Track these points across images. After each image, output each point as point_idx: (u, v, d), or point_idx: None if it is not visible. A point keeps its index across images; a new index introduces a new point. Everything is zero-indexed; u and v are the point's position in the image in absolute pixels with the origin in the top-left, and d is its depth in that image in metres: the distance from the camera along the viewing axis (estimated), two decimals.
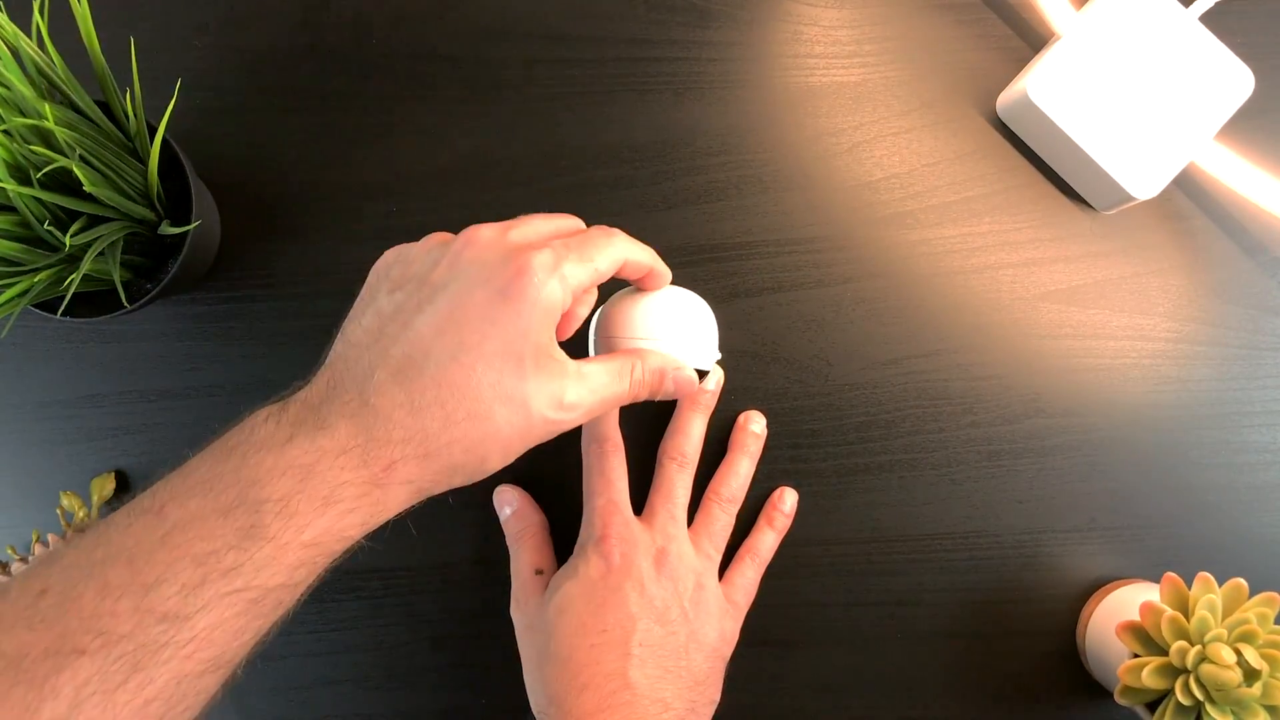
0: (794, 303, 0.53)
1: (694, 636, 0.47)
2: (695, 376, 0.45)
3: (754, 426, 0.52)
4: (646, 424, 0.52)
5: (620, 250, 0.41)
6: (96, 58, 0.42)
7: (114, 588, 0.31)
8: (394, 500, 0.36)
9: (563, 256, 0.38)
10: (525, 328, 0.37)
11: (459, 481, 0.38)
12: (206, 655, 0.32)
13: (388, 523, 0.37)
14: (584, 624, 0.45)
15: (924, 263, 0.54)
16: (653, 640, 0.45)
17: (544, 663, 0.46)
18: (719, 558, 0.51)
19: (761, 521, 0.52)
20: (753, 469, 0.52)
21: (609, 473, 0.49)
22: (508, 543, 0.51)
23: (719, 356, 0.48)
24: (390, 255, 0.41)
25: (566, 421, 0.39)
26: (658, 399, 0.44)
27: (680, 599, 0.47)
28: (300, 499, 0.33)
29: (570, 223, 0.43)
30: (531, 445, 0.38)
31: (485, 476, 0.38)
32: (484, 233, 0.39)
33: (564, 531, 0.51)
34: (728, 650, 0.49)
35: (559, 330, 0.40)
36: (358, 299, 0.41)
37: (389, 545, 0.53)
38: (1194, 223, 0.55)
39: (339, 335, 0.40)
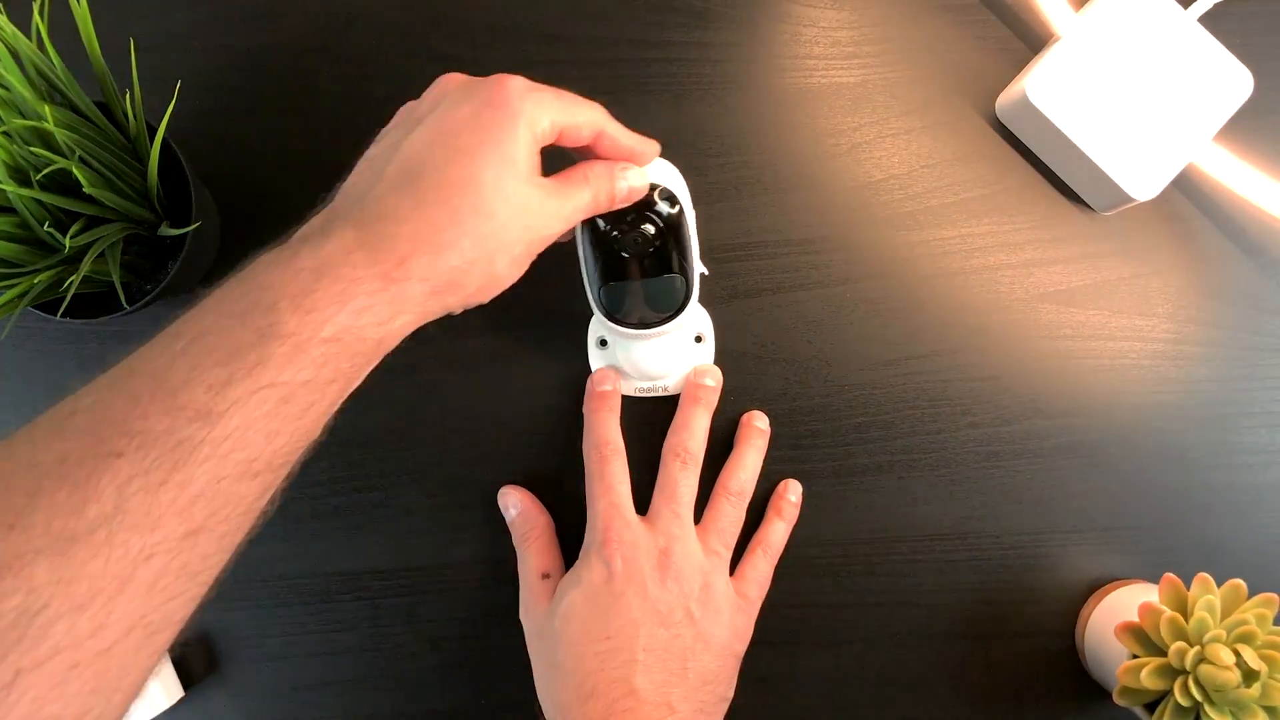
0: (794, 303, 0.53)
1: (701, 637, 0.47)
2: (645, 178, 0.44)
3: (759, 423, 0.52)
4: (647, 427, 0.52)
5: (597, 115, 0.42)
6: (96, 59, 0.42)
7: (143, 395, 0.31)
8: (410, 299, 0.36)
9: (538, 86, 0.40)
10: (513, 135, 0.38)
11: (472, 290, 0.38)
12: (243, 456, 0.32)
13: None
14: (588, 632, 0.45)
15: (923, 263, 0.54)
16: (657, 644, 0.45)
17: (551, 671, 0.46)
18: (729, 555, 0.50)
19: (770, 513, 0.52)
20: (760, 462, 0.52)
21: (609, 477, 0.49)
22: (514, 544, 0.51)
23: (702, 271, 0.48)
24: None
25: (552, 230, 0.40)
26: (617, 204, 0.44)
27: (686, 600, 0.47)
28: (314, 296, 0.33)
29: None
30: (532, 254, 0.39)
31: (494, 288, 0.39)
32: (454, 74, 0.41)
33: (570, 531, 0.51)
34: (741, 646, 0.49)
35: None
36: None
37: (389, 545, 0.53)
38: (1193, 224, 0.55)
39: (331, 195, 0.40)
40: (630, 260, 0.47)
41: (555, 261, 0.53)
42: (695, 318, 0.52)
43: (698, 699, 0.46)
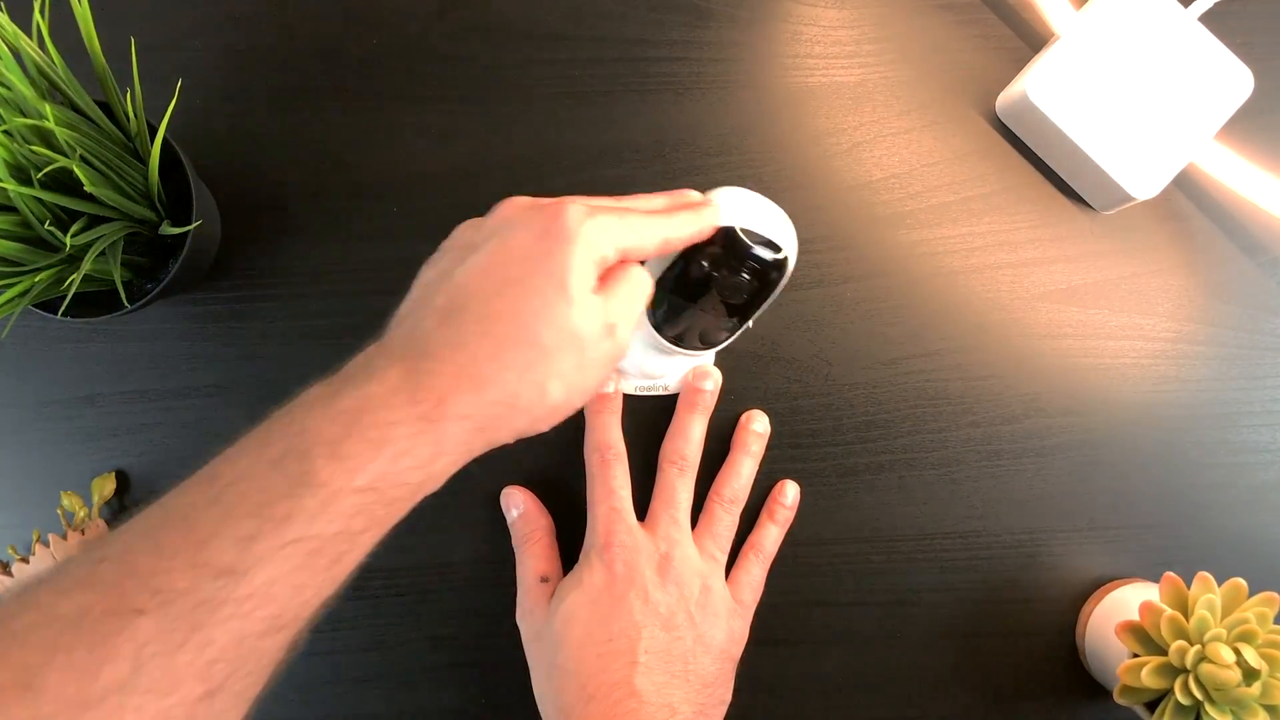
0: (794, 302, 0.53)
1: (700, 640, 0.47)
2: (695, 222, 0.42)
3: (756, 426, 0.52)
4: (647, 428, 0.52)
5: (658, 229, 0.40)
6: (97, 58, 0.42)
7: (169, 547, 0.30)
8: (451, 439, 0.34)
9: (598, 209, 0.38)
10: (567, 261, 0.36)
11: (523, 423, 0.37)
12: (267, 613, 0.31)
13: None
14: (590, 634, 0.45)
15: (924, 263, 0.54)
16: (658, 647, 0.45)
17: (552, 674, 0.46)
18: (724, 558, 0.51)
19: (763, 517, 0.52)
20: (755, 469, 0.52)
21: (610, 481, 0.49)
22: (514, 545, 0.51)
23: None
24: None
25: (616, 347, 0.38)
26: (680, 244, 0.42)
27: (686, 603, 0.47)
28: (350, 442, 0.32)
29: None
30: (590, 379, 0.38)
31: (552, 418, 0.37)
32: (518, 198, 0.40)
33: (570, 535, 0.51)
34: (737, 650, 0.49)
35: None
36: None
37: (389, 545, 0.52)
38: (1194, 223, 0.55)
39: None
40: (710, 294, 0.45)
41: None
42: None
43: (698, 701, 0.46)
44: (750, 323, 0.47)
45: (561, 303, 0.36)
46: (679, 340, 0.47)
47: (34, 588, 0.30)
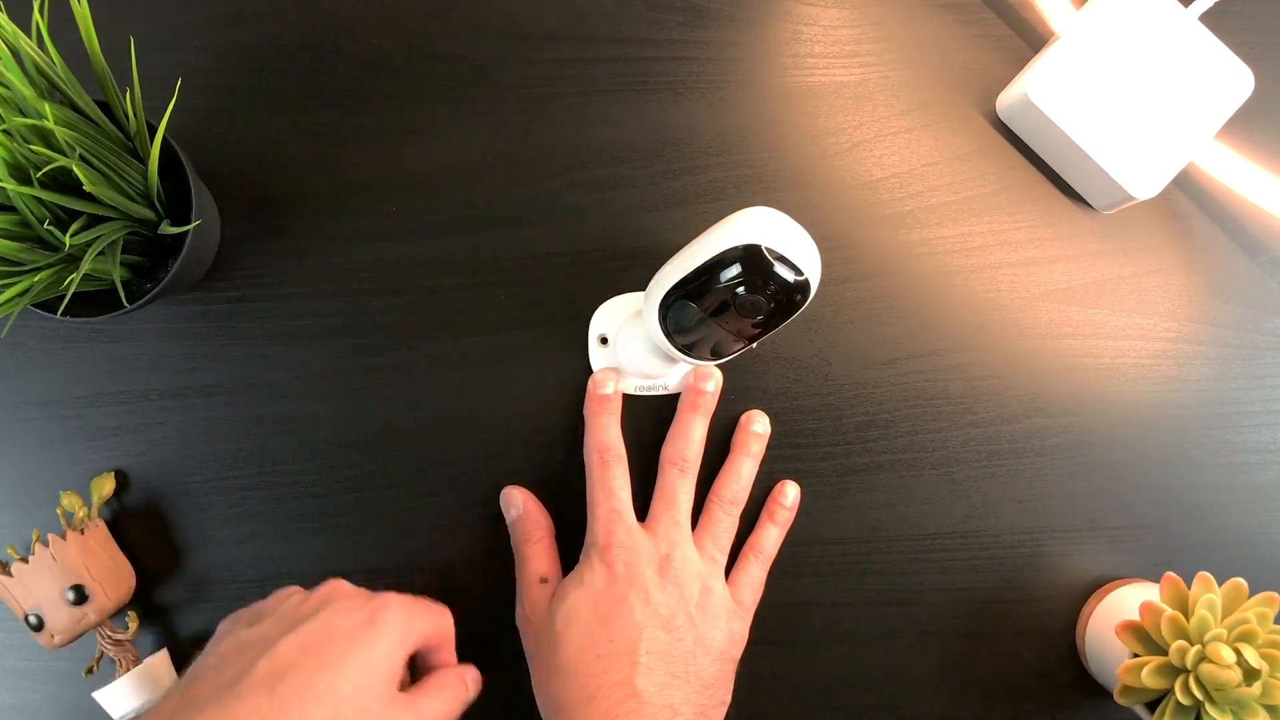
0: None
1: (701, 641, 0.47)
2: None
3: (756, 426, 0.52)
4: (647, 429, 0.52)
5: (447, 622, 0.45)
6: (96, 57, 0.42)
7: None
8: None
9: (413, 606, 0.43)
10: (386, 653, 0.40)
11: None
12: None
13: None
14: (590, 635, 0.45)
15: (924, 262, 0.54)
16: (659, 648, 0.45)
17: (552, 674, 0.46)
18: (724, 560, 0.51)
19: (764, 518, 0.52)
20: (755, 469, 0.52)
21: (610, 482, 0.49)
22: (513, 545, 0.51)
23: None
24: (238, 613, 0.44)
25: None
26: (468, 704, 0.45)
27: (686, 604, 0.47)
28: None
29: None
30: None
31: None
32: (343, 584, 0.44)
33: (570, 535, 0.51)
34: (737, 651, 0.49)
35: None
36: (207, 646, 0.42)
37: (389, 545, 0.53)
38: (1194, 222, 0.55)
39: (192, 665, 0.41)
40: (730, 310, 0.44)
41: (556, 259, 0.53)
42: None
43: (698, 702, 0.46)
44: (755, 344, 0.47)
45: (369, 690, 0.39)
46: (689, 349, 0.47)
47: None
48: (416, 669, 0.45)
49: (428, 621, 0.43)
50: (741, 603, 0.50)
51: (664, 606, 0.47)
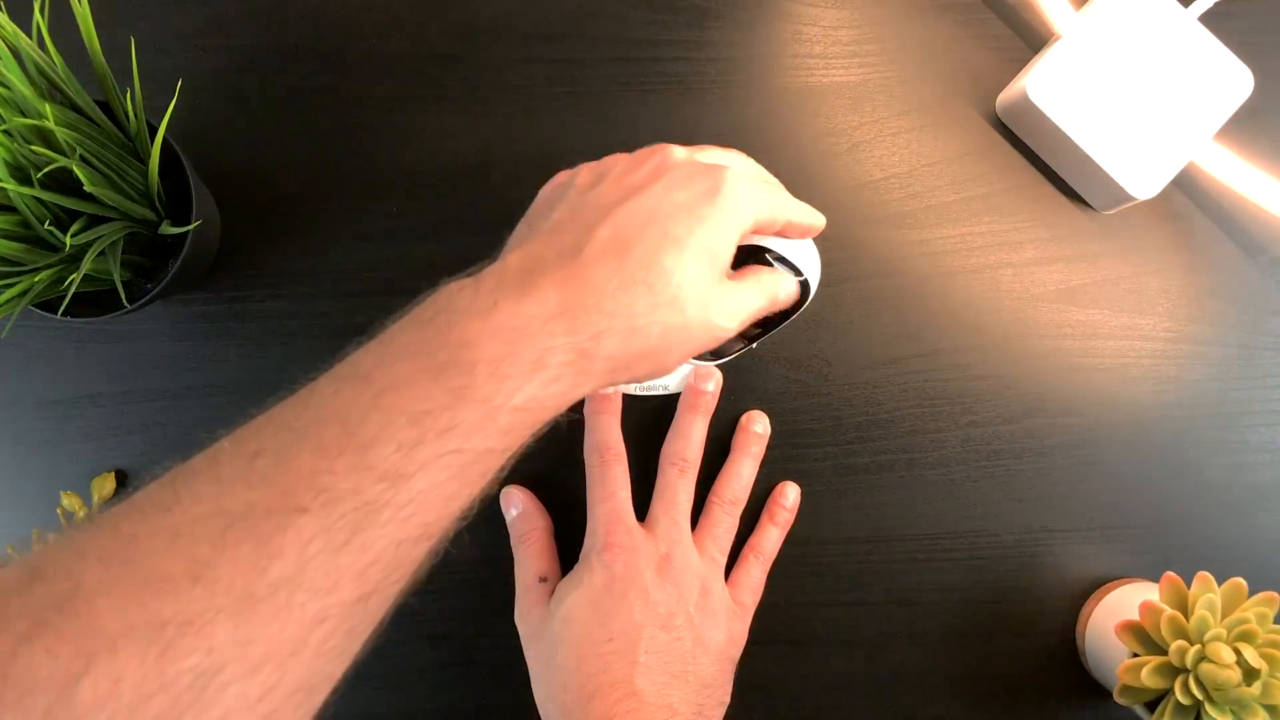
0: None
1: (700, 641, 0.47)
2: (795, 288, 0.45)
3: (756, 427, 0.52)
4: (647, 429, 0.52)
5: (790, 211, 0.43)
6: (96, 57, 0.42)
7: (330, 447, 0.30)
8: (595, 373, 0.35)
9: (753, 178, 0.40)
10: (724, 234, 0.38)
11: (643, 371, 0.37)
12: (421, 520, 0.31)
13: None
14: (590, 634, 0.45)
15: (924, 262, 0.54)
16: (658, 647, 0.45)
17: (551, 673, 0.46)
18: (724, 560, 0.51)
19: (764, 518, 0.52)
20: (755, 470, 0.52)
21: (610, 482, 0.49)
22: (512, 545, 0.51)
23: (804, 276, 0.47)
24: (562, 175, 0.42)
25: (728, 332, 0.39)
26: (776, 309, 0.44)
27: (685, 604, 0.47)
28: (511, 361, 0.32)
29: (742, 156, 0.44)
30: (702, 350, 0.39)
31: (662, 374, 0.38)
32: (677, 150, 0.40)
33: (570, 535, 0.51)
34: (736, 652, 0.49)
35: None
36: (528, 212, 0.41)
37: None
38: (1194, 223, 0.55)
39: (519, 228, 0.40)
40: None
41: None
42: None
43: (697, 702, 0.46)
44: (755, 344, 0.47)
45: (709, 274, 0.37)
46: None
47: (189, 477, 0.30)
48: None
49: (764, 201, 0.41)
50: (741, 603, 0.50)
51: (663, 606, 0.47)
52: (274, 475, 0.29)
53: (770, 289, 0.42)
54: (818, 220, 0.44)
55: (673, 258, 0.36)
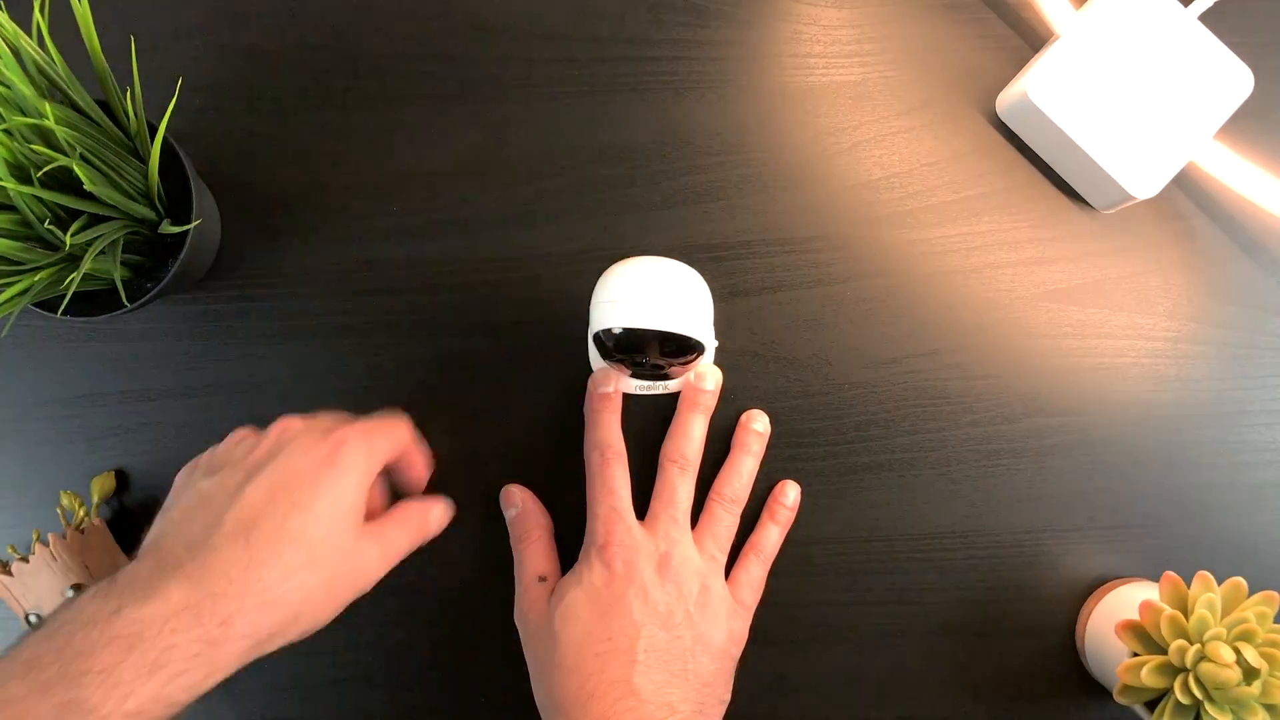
0: (794, 302, 0.53)
1: (700, 639, 0.47)
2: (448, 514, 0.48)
3: (756, 425, 0.52)
4: (648, 428, 0.52)
5: (403, 435, 0.46)
6: (96, 57, 0.42)
7: None
8: (227, 658, 0.36)
9: (364, 433, 0.43)
10: (348, 490, 0.41)
11: (296, 633, 0.39)
12: None
13: None
14: (589, 633, 0.45)
15: (923, 262, 0.54)
16: (657, 645, 0.45)
17: (550, 672, 0.46)
18: (724, 558, 0.51)
19: (764, 517, 0.52)
20: (756, 468, 0.52)
21: (610, 480, 0.49)
22: (512, 544, 0.51)
23: (715, 344, 0.49)
24: (194, 461, 0.44)
25: (377, 574, 0.43)
26: (429, 537, 0.47)
27: (685, 603, 0.47)
28: (124, 669, 0.33)
29: (357, 418, 0.46)
30: (354, 598, 0.42)
31: (315, 629, 0.40)
32: (294, 421, 0.44)
33: (570, 535, 0.51)
34: (736, 650, 0.49)
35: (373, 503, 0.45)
36: (167, 499, 0.43)
37: None
38: (1194, 222, 0.55)
39: (156, 521, 0.41)
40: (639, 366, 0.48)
41: (556, 258, 0.53)
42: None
43: (697, 700, 0.46)
44: (713, 343, 0.48)
45: (342, 530, 0.40)
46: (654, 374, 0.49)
47: None
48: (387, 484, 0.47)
49: (386, 444, 0.44)
50: (742, 601, 0.50)
51: (662, 604, 0.47)
52: None
53: (417, 525, 0.46)
54: (419, 452, 0.48)
55: (299, 522, 0.39)
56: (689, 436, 0.51)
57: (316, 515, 0.39)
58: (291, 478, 0.40)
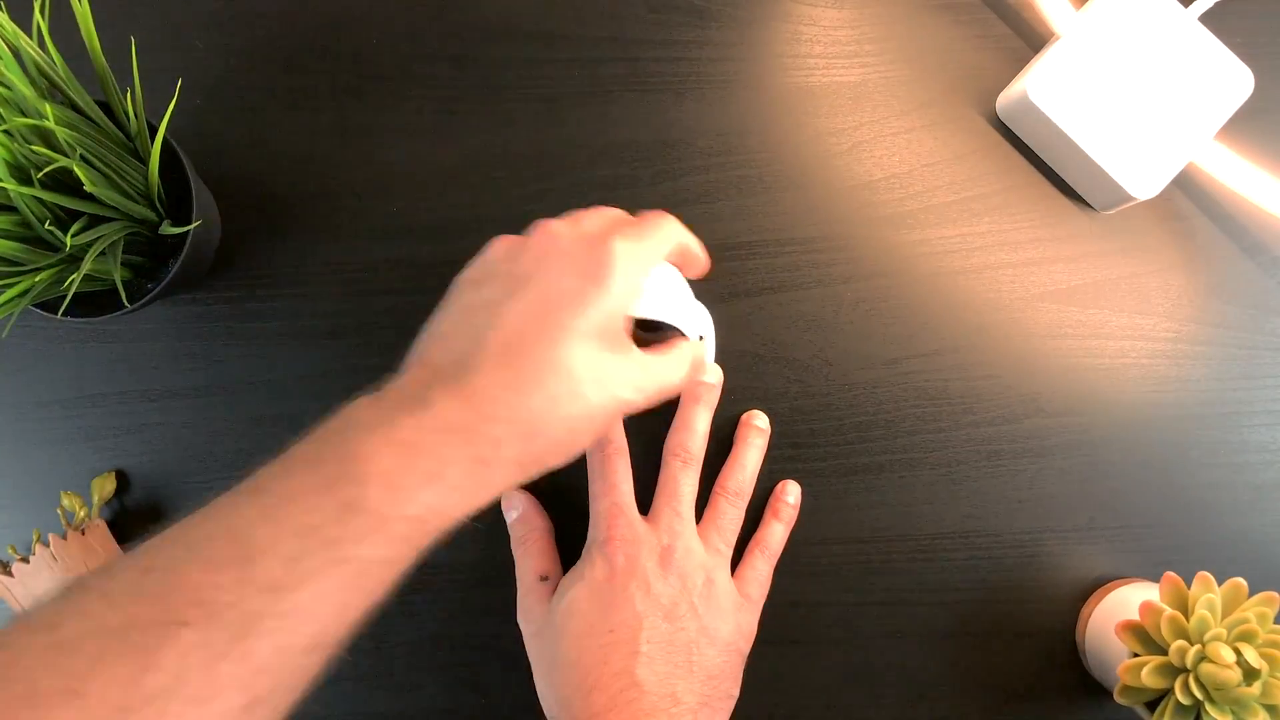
0: (794, 303, 0.53)
1: (705, 631, 0.47)
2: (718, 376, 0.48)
3: (758, 422, 0.52)
4: (650, 423, 0.52)
5: (676, 234, 0.43)
6: (97, 57, 0.42)
7: (218, 561, 0.30)
8: (499, 478, 0.36)
9: (635, 240, 0.40)
10: (612, 310, 0.38)
11: (555, 460, 0.38)
12: (310, 630, 0.31)
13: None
14: (591, 626, 0.45)
15: (924, 263, 0.54)
16: (660, 637, 0.45)
17: (553, 667, 0.46)
18: (730, 553, 0.50)
19: (768, 515, 0.52)
20: (759, 462, 0.52)
21: (612, 475, 0.49)
22: (512, 546, 0.51)
23: (703, 337, 0.49)
24: (468, 268, 0.42)
25: (637, 405, 0.40)
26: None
27: (689, 594, 0.47)
28: (405, 474, 0.33)
29: (623, 213, 0.44)
30: (615, 423, 0.41)
31: (576, 454, 0.39)
32: (559, 226, 0.41)
33: (570, 535, 0.51)
34: (745, 645, 0.49)
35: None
36: (436, 313, 0.41)
37: None
38: (1194, 223, 0.55)
39: (423, 334, 0.40)
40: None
41: None
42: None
43: (703, 692, 0.46)
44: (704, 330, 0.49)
45: (606, 356, 0.38)
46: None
47: (83, 593, 0.30)
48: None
49: (657, 248, 0.41)
50: (749, 596, 0.50)
51: (666, 597, 0.46)
52: (160, 590, 0.30)
53: (692, 363, 0.44)
54: (697, 245, 0.45)
55: (565, 349, 0.37)
56: (692, 430, 0.51)
57: (578, 342, 0.37)
58: (555, 298, 0.38)
